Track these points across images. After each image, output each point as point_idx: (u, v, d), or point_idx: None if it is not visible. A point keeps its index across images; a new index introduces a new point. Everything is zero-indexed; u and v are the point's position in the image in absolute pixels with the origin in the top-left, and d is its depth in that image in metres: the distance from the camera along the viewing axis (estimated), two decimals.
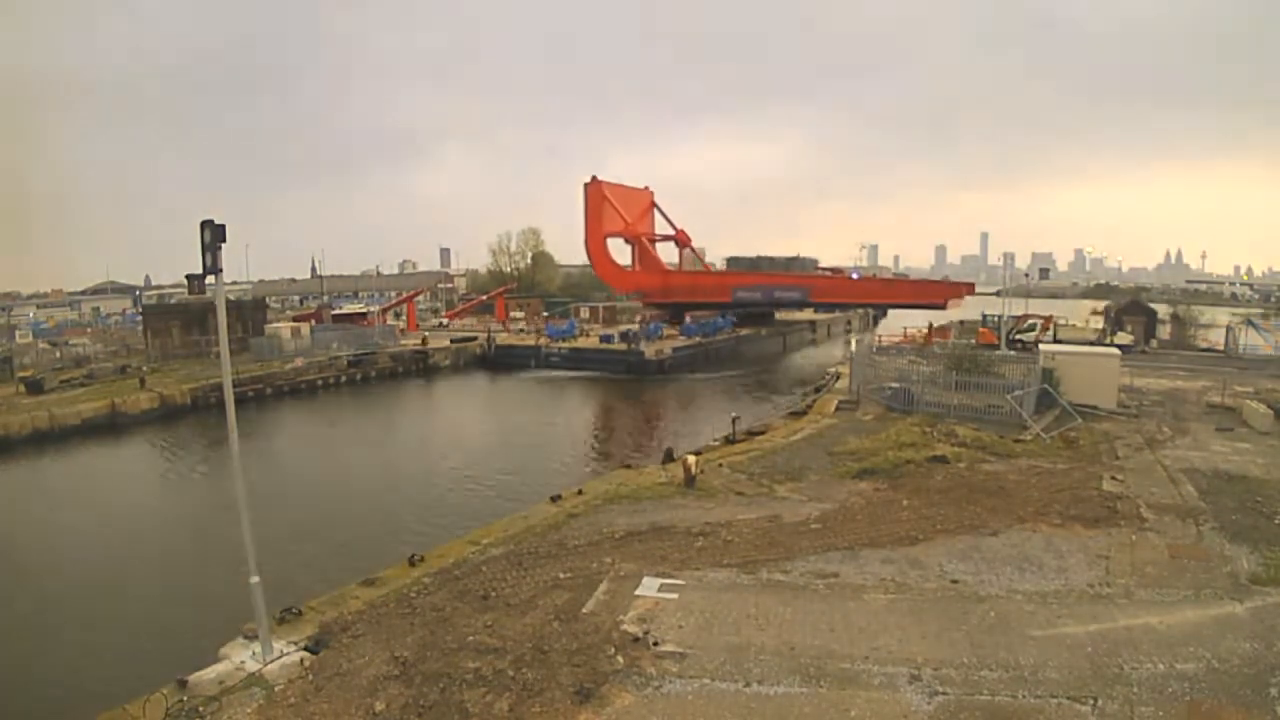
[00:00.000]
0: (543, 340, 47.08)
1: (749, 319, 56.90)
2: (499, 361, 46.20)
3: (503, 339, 52.19)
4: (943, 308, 51.11)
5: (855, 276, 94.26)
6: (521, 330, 58.17)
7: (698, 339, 48.39)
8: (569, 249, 58.79)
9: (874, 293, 56.11)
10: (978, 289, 56.12)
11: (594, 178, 57.87)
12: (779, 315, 62.38)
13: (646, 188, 64.72)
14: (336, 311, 68.43)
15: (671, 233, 64.61)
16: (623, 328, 50.50)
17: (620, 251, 64.34)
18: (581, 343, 46.51)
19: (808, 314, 67.21)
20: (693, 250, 66.30)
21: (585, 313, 65.14)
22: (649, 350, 42.18)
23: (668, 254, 66.58)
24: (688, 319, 54.64)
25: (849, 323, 72.47)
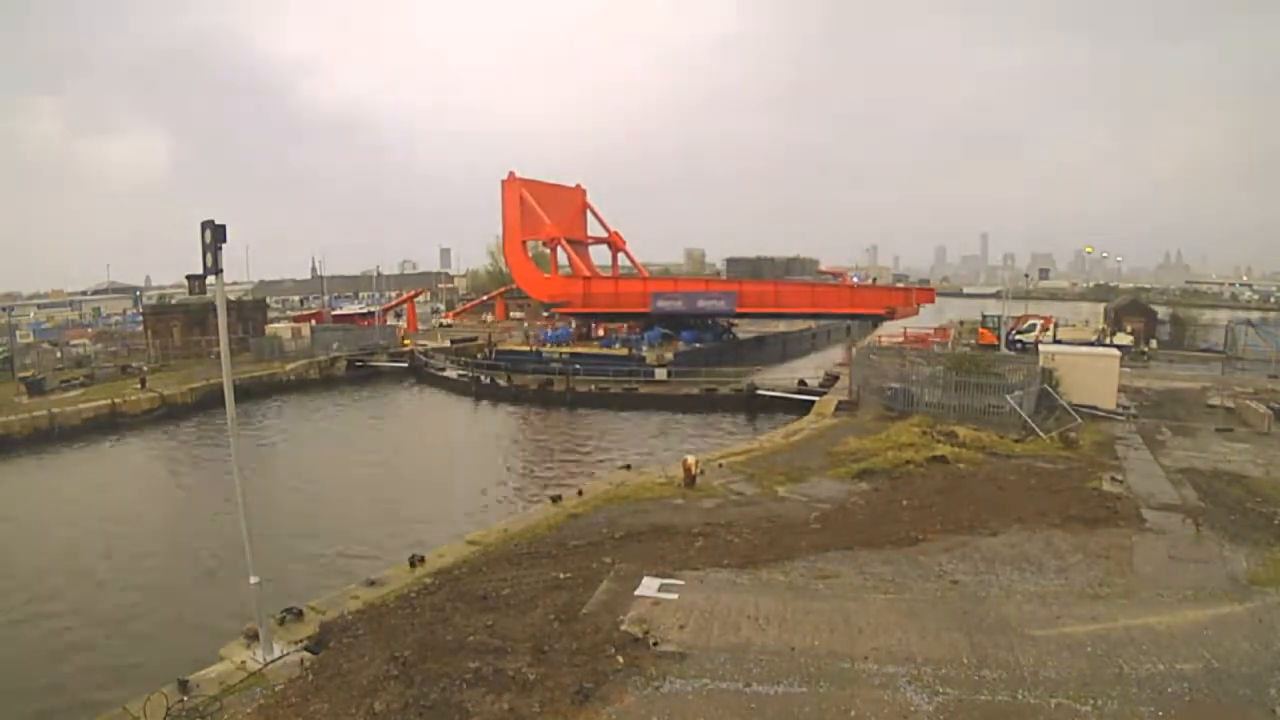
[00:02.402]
0: (545, 346, 47.02)
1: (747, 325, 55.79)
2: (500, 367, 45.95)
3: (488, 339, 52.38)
4: (886, 318, 45.35)
5: (855, 280, 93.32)
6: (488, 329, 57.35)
7: (696, 345, 48.33)
8: None
9: (803, 302, 49.92)
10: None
11: (511, 174, 53.23)
12: (780, 322, 60.42)
13: (578, 185, 59.97)
14: (337, 312, 68.54)
15: (605, 235, 60.17)
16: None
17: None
18: (582, 348, 46.48)
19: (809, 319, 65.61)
20: (627, 254, 61.24)
21: None
22: (650, 356, 42.17)
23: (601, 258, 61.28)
24: (599, 330, 51.32)
25: (849, 327, 72.01)
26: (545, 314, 65.30)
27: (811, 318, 58.37)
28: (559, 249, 54.50)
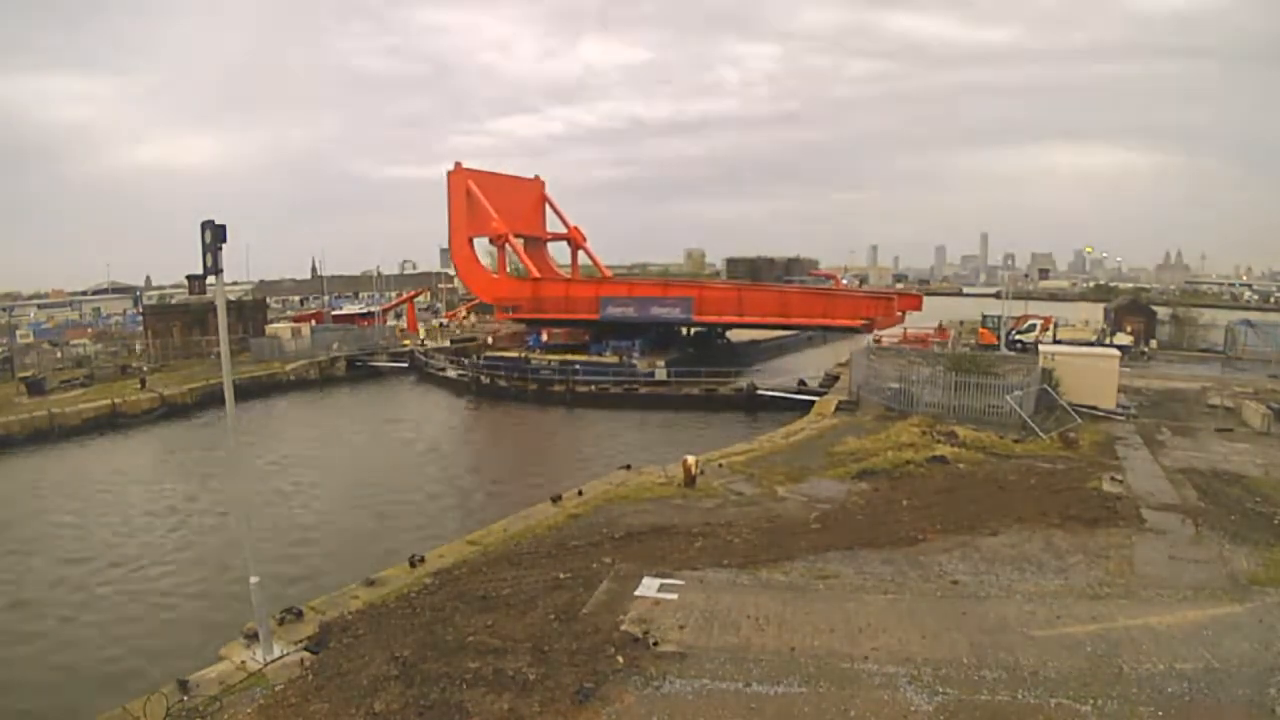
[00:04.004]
0: (535, 353, 46.44)
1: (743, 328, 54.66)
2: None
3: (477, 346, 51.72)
4: (862, 330, 39.26)
5: (846, 282, 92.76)
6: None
7: (691, 351, 47.73)
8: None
9: (770, 310, 43.73)
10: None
11: (457, 164, 49.77)
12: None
13: (537, 177, 56.39)
14: (337, 312, 68.49)
15: (564, 231, 56.50)
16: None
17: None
18: (572, 355, 45.85)
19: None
20: (587, 251, 57.07)
21: None
22: (642, 364, 41.66)
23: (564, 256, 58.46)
24: (544, 335, 48.61)
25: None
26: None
27: (779, 329, 50.02)
28: (514, 248, 51.06)
